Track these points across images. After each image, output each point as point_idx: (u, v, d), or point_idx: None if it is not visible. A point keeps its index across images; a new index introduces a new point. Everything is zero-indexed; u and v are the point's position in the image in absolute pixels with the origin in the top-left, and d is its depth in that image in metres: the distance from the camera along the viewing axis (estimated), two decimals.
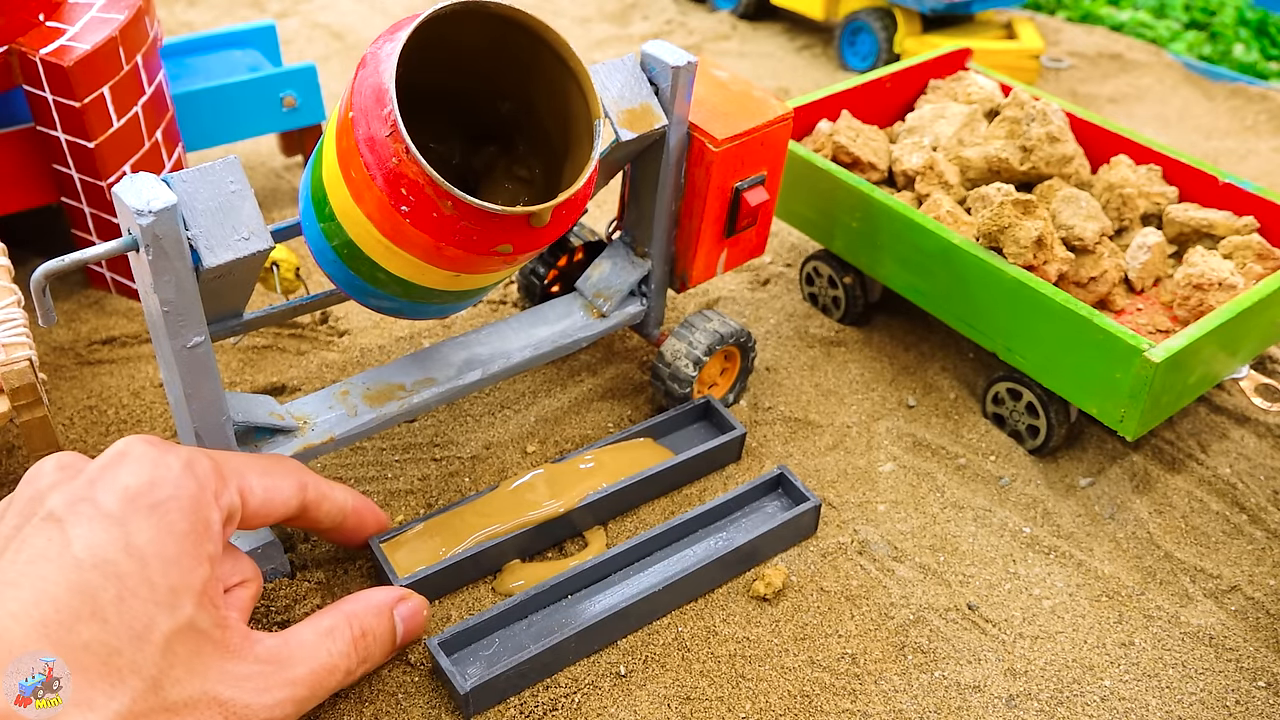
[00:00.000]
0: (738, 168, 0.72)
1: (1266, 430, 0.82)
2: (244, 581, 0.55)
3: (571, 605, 0.65)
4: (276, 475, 0.57)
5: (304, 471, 0.59)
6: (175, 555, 0.48)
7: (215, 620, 0.50)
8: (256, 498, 0.55)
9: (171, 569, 0.48)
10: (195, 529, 0.49)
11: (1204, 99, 1.37)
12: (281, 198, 1.06)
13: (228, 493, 0.53)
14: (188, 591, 0.48)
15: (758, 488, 0.72)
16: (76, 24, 0.81)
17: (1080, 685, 0.63)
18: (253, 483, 0.55)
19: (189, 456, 0.51)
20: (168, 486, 0.49)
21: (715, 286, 0.95)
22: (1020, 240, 0.76)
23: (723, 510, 0.71)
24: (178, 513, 0.49)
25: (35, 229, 0.91)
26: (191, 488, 0.50)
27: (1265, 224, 0.84)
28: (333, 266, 0.61)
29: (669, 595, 0.64)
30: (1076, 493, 0.77)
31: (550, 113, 0.62)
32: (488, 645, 0.62)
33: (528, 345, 0.73)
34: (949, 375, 0.86)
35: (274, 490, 0.56)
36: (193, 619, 0.48)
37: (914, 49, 1.32)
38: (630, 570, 0.67)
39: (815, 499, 0.70)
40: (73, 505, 0.48)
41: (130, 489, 0.49)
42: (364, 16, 1.48)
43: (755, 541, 0.67)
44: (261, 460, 0.58)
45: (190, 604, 0.48)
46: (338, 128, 0.55)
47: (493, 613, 0.62)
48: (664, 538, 0.68)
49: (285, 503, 0.57)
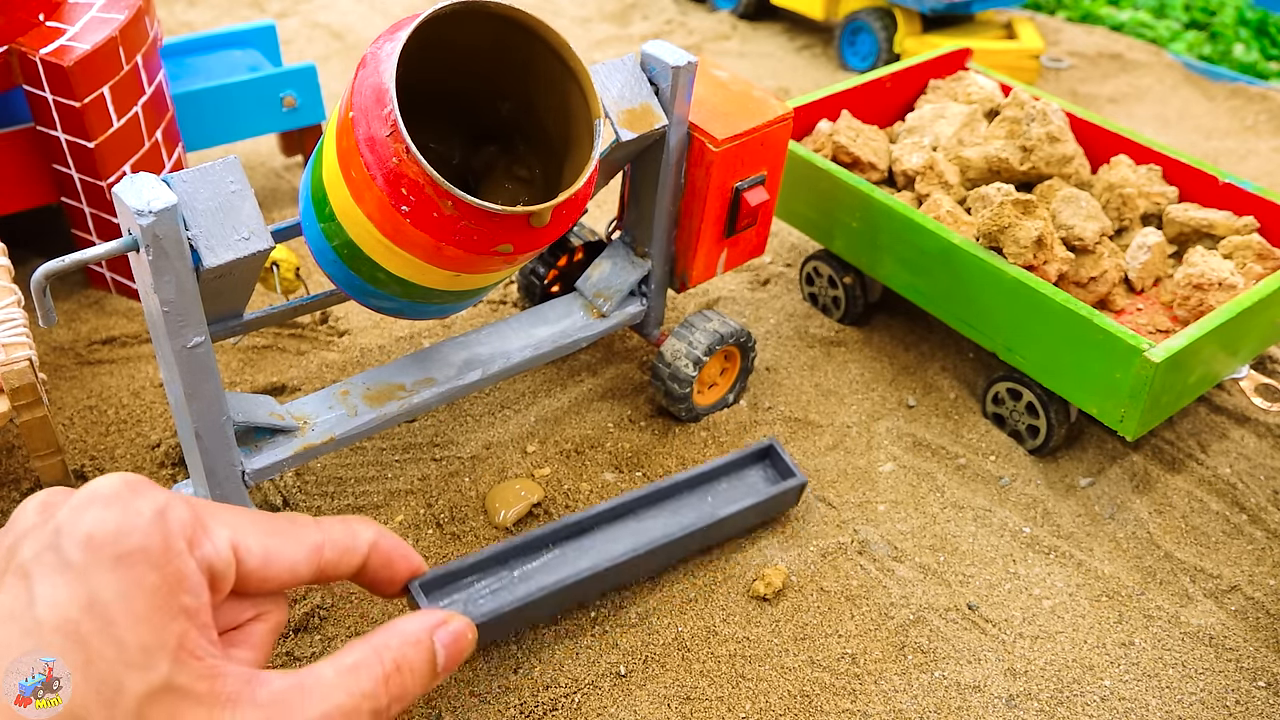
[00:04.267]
0: (738, 168, 0.72)
1: (1266, 430, 0.82)
2: (259, 616, 0.51)
3: (557, 559, 0.65)
4: (284, 537, 0.51)
5: (319, 528, 0.53)
6: (145, 611, 0.44)
7: (199, 673, 0.45)
8: (254, 557, 0.50)
9: (141, 626, 0.44)
10: (166, 581, 0.45)
11: (1204, 99, 1.37)
12: (281, 198, 1.06)
13: (210, 543, 0.48)
14: (161, 649, 0.44)
15: (745, 458, 0.72)
16: (76, 24, 0.81)
17: (1080, 685, 0.63)
18: (250, 541, 0.50)
19: (164, 503, 0.47)
20: (136, 536, 0.45)
21: (715, 286, 0.95)
22: (1020, 240, 0.76)
23: (707, 477, 0.71)
24: (145, 564, 0.45)
25: (35, 229, 0.91)
26: (159, 537, 0.45)
27: (1265, 224, 0.84)
28: (333, 266, 0.61)
29: (649, 559, 0.65)
30: (1076, 493, 0.77)
31: (550, 113, 0.62)
32: (467, 588, 0.63)
33: (528, 345, 0.73)
34: (949, 375, 0.86)
35: (278, 553, 0.51)
36: (169, 678, 0.44)
37: (914, 49, 1.32)
38: (613, 529, 0.68)
39: (802, 476, 0.70)
40: (39, 556, 0.44)
41: (95, 538, 0.44)
42: (364, 16, 1.48)
43: (737, 514, 0.68)
44: (266, 518, 0.52)
45: (165, 661, 0.44)
46: (338, 128, 0.55)
47: (476, 558, 0.63)
48: (647, 500, 0.69)
49: (292, 568, 0.51)
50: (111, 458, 0.74)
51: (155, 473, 0.73)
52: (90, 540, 0.44)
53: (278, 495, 0.72)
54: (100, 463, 0.74)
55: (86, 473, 0.73)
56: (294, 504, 0.72)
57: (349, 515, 0.60)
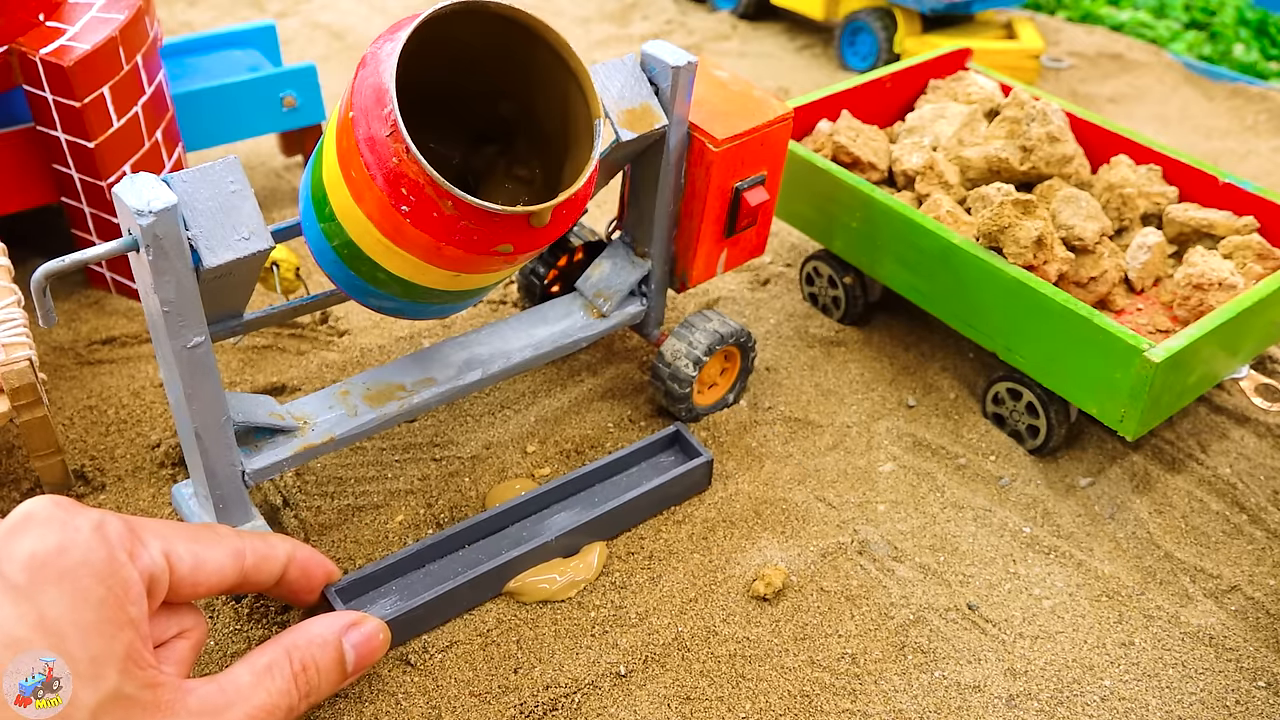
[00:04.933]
0: (738, 168, 0.72)
1: (1266, 430, 0.82)
2: (183, 633, 0.53)
3: (467, 555, 0.68)
4: (206, 543, 0.53)
5: (239, 537, 0.56)
6: (93, 623, 0.45)
7: (143, 682, 0.47)
8: (185, 564, 0.52)
9: (91, 639, 0.45)
10: (113, 593, 0.46)
11: (1204, 99, 1.37)
12: (281, 198, 1.06)
13: (146, 553, 0.49)
14: (111, 660, 0.46)
15: (654, 444, 0.75)
16: (76, 24, 0.81)
17: (1080, 685, 0.64)
18: (179, 549, 0.52)
19: (99, 518, 0.48)
20: (77, 551, 0.46)
21: (715, 286, 0.95)
22: (1020, 240, 0.76)
23: (620, 465, 0.74)
24: (90, 578, 0.46)
25: (35, 229, 0.91)
26: (102, 550, 0.47)
27: (1265, 224, 0.84)
28: (333, 266, 0.61)
29: (562, 543, 0.67)
30: (1076, 493, 0.77)
31: (550, 113, 0.62)
32: (385, 593, 0.65)
33: (528, 345, 0.73)
34: (949, 375, 0.86)
35: (205, 559, 0.53)
36: (118, 687, 0.46)
37: (914, 49, 1.32)
38: (528, 521, 0.70)
39: (707, 454, 0.73)
40: None
41: (37, 556, 0.45)
42: (364, 16, 1.48)
43: (649, 493, 0.70)
44: (189, 528, 0.54)
45: (114, 672, 0.46)
46: (338, 128, 0.55)
47: (390, 561, 0.64)
48: (562, 490, 0.71)
49: (219, 571, 0.54)
50: (111, 458, 0.74)
51: (155, 472, 0.73)
52: (33, 559, 0.45)
53: (278, 495, 0.72)
54: (100, 463, 0.74)
55: (86, 473, 0.73)
56: (294, 504, 0.72)
57: (265, 531, 0.61)
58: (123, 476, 0.73)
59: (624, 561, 0.69)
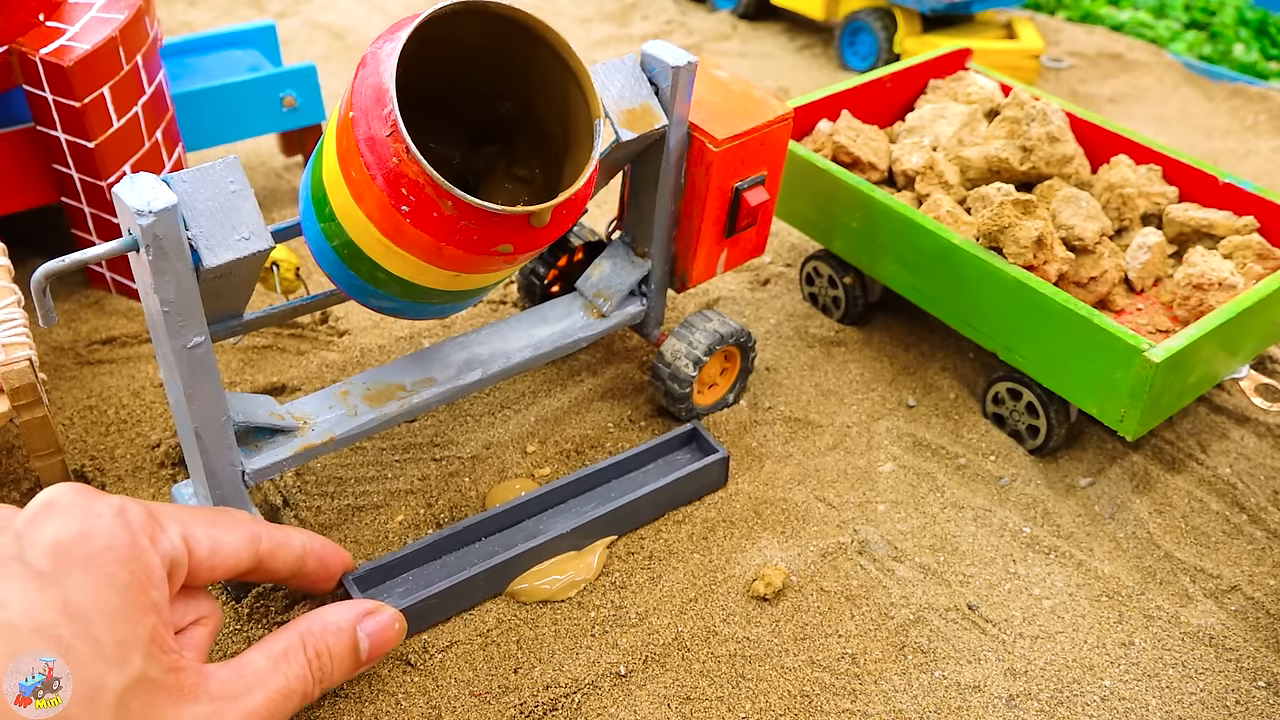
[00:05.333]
0: (738, 168, 0.72)
1: (1266, 430, 0.82)
2: (200, 620, 0.53)
3: (484, 548, 0.68)
4: (223, 527, 0.54)
5: (255, 522, 0.57)
6: (119, 608, 0.46)
7: (167, 666, 0.48)
8: (203, 548, 0.52)
9: (116, 623, 0.46)
10: (136, 577, 0.47)
11: (1204, 99, 1.37)
12: (281, 198, 1.06)
13: (166, 537, 0.50)
14: (136, 644, 0.46)
15: (669, 441, 0.75)
16: (76, 24, 0.81)
17: (1080, 685, 0.64)
18: (197, 533, 0.52)
19: (120, 504, 0.49)
20: (100, 537, 0.47)
21: (715, 286, 0.95)
22: (1020, 240, 0.76)
23: (636, 461, 0.74)
24: (115, 563, 0.46)
25: (35, 229, 0.91)
26: (125, 535, 0.47)
27: (1265, 224, 0.84)
28: (333, 266, 0.61)
29: (575, 538, 0.68)
30: (1076, 493, 0.77)
31: (550, 113, 0.62)
32: (401, 582, 0.65)
33: (528, 345, 0.73)
34: (949, 375, 0.86)
35: (222, 542, 0.54)
36: (143, 671, 0.46)
37: (914, 49, 1.32)
38: (544, 516, 0.71)
39: (723, 451, 0.73)
40: (4, 566, 0.45)
41: (61, 543, 0.46)
42: (364, 16, 1.48)
43: (665, 489, 0.71)
44: (206, 511, 0.55)
45: (140, 656, 0.46)
46: (338, 128, 0.55)
47: (407, 551, 0.65)
48: (578, 485, 0.72)
49: (235, 554, 0.54)
50: (111, 458, 0.74)
51: (155, 472, 0.73)
52: (57, 545, 0.46)
53: (278, 495, 0.72)
54: (100, 463, 0.74)
55: (86, 473, 0.73)
56: (294, 504, 0.72)
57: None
58: (123, 476, 0.73)
59: (624, 561, 0.69)
